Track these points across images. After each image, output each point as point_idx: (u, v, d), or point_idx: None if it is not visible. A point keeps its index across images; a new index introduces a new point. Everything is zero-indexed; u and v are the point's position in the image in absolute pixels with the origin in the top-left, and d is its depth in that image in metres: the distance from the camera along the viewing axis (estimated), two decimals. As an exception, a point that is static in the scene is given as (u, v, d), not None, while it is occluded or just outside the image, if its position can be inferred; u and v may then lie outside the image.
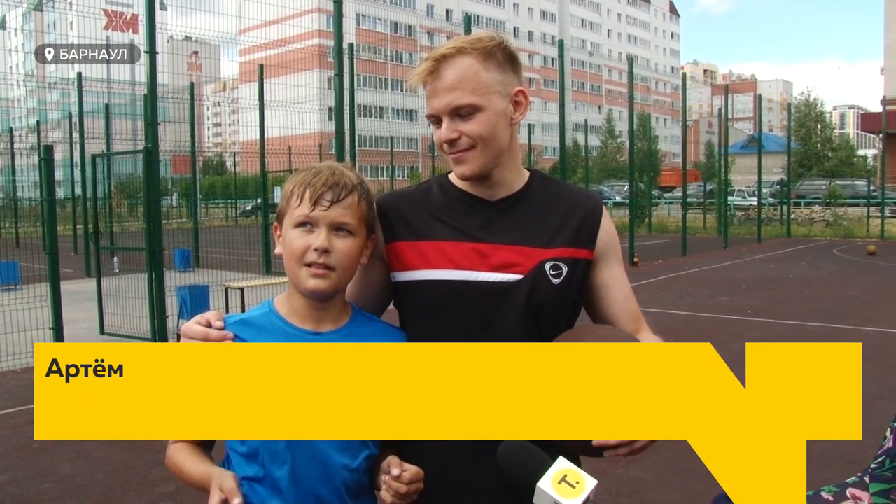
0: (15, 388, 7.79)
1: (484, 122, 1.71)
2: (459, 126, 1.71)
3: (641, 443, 1.47)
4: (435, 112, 1.73)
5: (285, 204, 1.71)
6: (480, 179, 1.78)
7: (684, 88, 23.53)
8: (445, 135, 1.72)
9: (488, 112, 1.71)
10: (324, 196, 1.66)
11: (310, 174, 1.71)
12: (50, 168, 9.37)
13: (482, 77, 1.70)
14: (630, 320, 1.86)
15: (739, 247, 24.07)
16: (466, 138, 1.71)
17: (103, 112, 22.35)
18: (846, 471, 4.84)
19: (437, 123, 1.75)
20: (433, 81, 1.72)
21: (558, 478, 1.32)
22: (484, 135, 1.71)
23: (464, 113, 1.70)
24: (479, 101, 1.69)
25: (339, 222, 1.67)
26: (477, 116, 1.70)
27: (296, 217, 1.67)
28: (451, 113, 1.71)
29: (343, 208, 1.67)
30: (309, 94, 26.11)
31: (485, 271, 1.74)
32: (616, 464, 5.06)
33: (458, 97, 1.69)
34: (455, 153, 1.74)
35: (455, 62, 1.70)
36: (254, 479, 1.67)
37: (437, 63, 1.71)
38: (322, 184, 1.67)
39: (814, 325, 10.46)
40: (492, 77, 1.72)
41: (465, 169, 1.74)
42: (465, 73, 1.69)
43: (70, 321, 9.68)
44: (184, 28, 74.78)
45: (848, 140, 63.54)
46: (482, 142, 1.72)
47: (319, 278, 1.65)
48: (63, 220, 24.32)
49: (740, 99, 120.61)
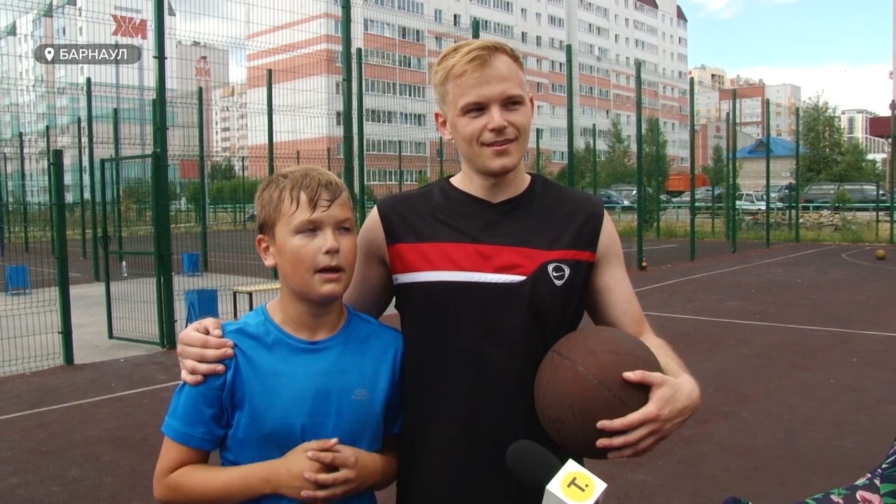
0: (24, 392, 7.82)
1: (526, 116, 1.74)
2: (508, 116, 1.71)
3: (646, 444, 1.47)
4: (486, 99, 1.70)
5: (273, 212, 1.66)
6: (500, 177, 1.78)
7: (692, 93, 23.51)
8: (498, 121, 1.70)
9: (528, 108, 1.75)
10: (322, 196, 1.63)
11: (296, 177, 1.66)
12: (59, 173, 9.44)
13: (521, 75, 1.75)
14: (633, 323, 1.85)
15: (748, 251, 24.00)
16: (513, 129, 1.71)
17: (112, 117, 22.44)
18: (855, 476, 4.81)
19: (477, 112, 1.72)
20: (481, 69, 1.70)
21: (567, 481, 1.31)
22: (527, 127, 1.75)
23: (514, 103, 1.72)
24: (524, 95, 1.74)
25: (341, 220, 1.65)
26: (521, 109, 1.73)
27: (297, 223, 1.63)
28: (504, 101, 1.71)
29: (340, 205, 1.66)
30: (317, 99, 26.13)
31: (487, 272, 1.73)
32: (624, 468, 5.05)
33: (511, 87, 1.70)
34: (501, 143, 1.72)
35: (501, 56, 1.72)
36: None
37: (487, 52, 1.71)
38: (316, 184, 1.64)
39: (821, 329, 10.42)
40: (523, 78, 1.76)
41: (508, 161, 1.73)
42: (511, 66, 1.73)
43: (79, 325, 9.73)
44: (192, 33, 75.26)
45: (857, 144, 63.24)
46: (524, 135, 1.74)
47: (333, 283, 1.62)
48: (72, 225, 24.44)
49: (748, 103, 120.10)
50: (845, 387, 7.42)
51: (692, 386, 1.56)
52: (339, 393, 1.66)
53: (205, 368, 1.61)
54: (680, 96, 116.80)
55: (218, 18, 22.53)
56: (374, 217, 1.84)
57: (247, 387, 1.62)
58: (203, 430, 1.63)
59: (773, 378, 7.84)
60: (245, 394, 1.62)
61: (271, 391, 1.62)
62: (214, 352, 1.62)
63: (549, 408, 1.54)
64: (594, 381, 1.48)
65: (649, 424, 1.45)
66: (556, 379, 1.54)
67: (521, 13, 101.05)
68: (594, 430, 1.45)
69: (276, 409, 1.61)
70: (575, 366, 1.51)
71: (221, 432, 1.65)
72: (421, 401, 1.76)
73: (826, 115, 52.80)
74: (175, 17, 51.17)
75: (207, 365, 1.61)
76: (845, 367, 8.27)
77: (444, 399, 1.73)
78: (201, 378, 1.61)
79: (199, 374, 1.61)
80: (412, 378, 1.77)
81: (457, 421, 1.72)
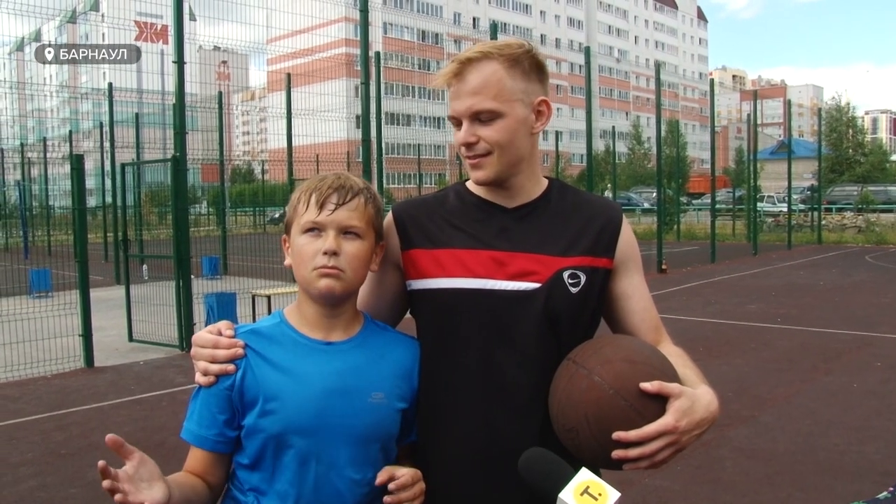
0: (45, 394, 7.89)
1: (503, 130, 1.69)
2: (478, 131, 1.69)
3: (662, 455, 1.45)
4: (455, 114, 1.72)
5: (292, 212, 1.70)
6: (497, 186, 1.76)
7: (712, 94, 23.37)
8: (463, 138, 1.70)
9: (508, 119, 1.69)
10: (329, 199, 1.65)
11: (315, 180, 1.71)
12: (81, 177, 9.51)
13: (506, 84, 1.68)
14: (650, 330, 1.82)
15: (769, 254, 23.80)
16: (484, 144, 1.69)
17: (133, 121, 22.65)
18: (879, 482, 4.75)
19: (458, 125, 1.73)
20: (457, 83, 1.70)
21: (580, 489, 1.30)
22: (502, 142, 1.69)
23: (484, 118, 1.68)
24: (500, 107, 1.68)
25: (346, 225, 1.65)
26: (497, 123, 1.68)
27: (303, 223, 1.66)
28: (472, 117, 1.69)
29: (349, 211, 1.66)
30: (336, 103, 26.19)
31: (502, 279, 1.71)
32: (641, 473, 5.00)
33: (480, 102, 1.67)
34: (472, 158, 1.72)
35: (481, 66, 1.68)
36: (259, 490, 1.66)
37: (463, 66, 1.69)
38: (328, 187, 1.66)
39: (844, 332, 10.30)
40: (515, 85, 1.69)
41: (481, 175, 1.72)
42: (488, 78, 1.67)
43: (99, 328, 9.81)
44: (213, 38, 75.77)
45: (880, 145, 62.74)
46: (499, 149, 1.69)
47: (331, 278, 1.63)
48: (94, 229, 24.64)
49: (769, 104, 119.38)
50: (868, 391, 7.33)
51: (710, 397, 1.53)
52: (354, 394, 1.65)
53: (216, 369, 1.63)
54: (700, 98, 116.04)
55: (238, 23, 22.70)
56: (388, 222, 1.83)
57: (260, 385, 1.62)
58: (216, 432, 1.65)
59: (794, 382, 7.76)
60: (257, 393, 1.62)
61: (284, 389, 1.62)
62: (225, 352, 1.63)
63: (564, 417, 1.52)
64: (610, 390, 1.46)
65: (666, 436, 1.43)
66: (572, 388, 1.52)
67: (539, 15, 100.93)
68: (609, 440, 1.43)
69: (287, 407, 1.62)
70: (591, 375, 1.50)
71: (234, 434, 1.66)
72: (434, 409, 1.75)
73: (849, 115, 52.34)
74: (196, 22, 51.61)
75: (219, 365, 1.63)
76: (868, 370, 8.17)
77: (457, 407, 1.72)
78: (213, 379, 1.63)
79: (211, 375, 1.63)
80: (426, 386, 1.76)
81: (470, 429, 1.71)
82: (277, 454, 1.63)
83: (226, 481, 1.72)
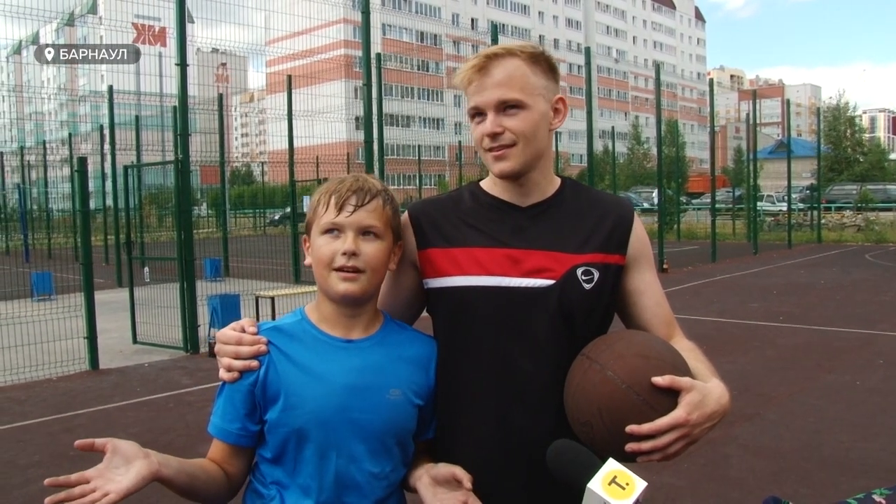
0: (50, 397, 7.90)
1: (527, 121, 1.72)
2: (504, 121, 1.72)
3: (675, 448, 1.47)
4: (481, 105, 1.74)
5: (312, 213, 1.74)
6: (514, 181, 1.79)
7: (711, 94, 23.40)
8: (490, 128, 1.72)
9: (532, 111, 1.72)
10: (348, 201, 1.68)
11: (335, 182, 1.75)
12: (84, 180, 9.51)
13: (529, 78, 1.73)
14: (662, 325, 1.86)
15: (769, 253, 23.84)
16: (510, 134, 1.72)
17: (132, 124, 22.64)
18: (884, 479, 4.77)
19: (480, 118, 1.75)
20: (480, 78, 1.73)
21: (608, 479, 1.32)
22: (527, 132, 1.72)
23: (510, 109, 1.72)
24: (526, 99, 1.71)
25: (365, 226, 1.68)
26: (521, 114, 1.72)
27: (323, 224, 1.70)
28: (498, 107, 1.72)
29: (368, 212, 1.69)
30: (336, 104, 26.22)
31: (516, 277, 1.73)
32: (649, 471, 5.00)
33: (507, 92, 1.70)
34: (497, 149, 1.73)
35: (504, 62, 1.72)
36: (281, 484, 1.69)
37: (488, 60, 1.73)
38: (347, 189, 1.70)
39: (846, 330, 10.33)
40: (538, 80, 1.74)
41: (505, 165, 1.74)
42: (513, 72, 1.72)
43: (103, 331, 9.81)
44: (211, 40, 75.61)
45: (879, 143, 62.78)
46: (524, 139, 1.72)
47: (350, 282, 1.66)
48: (95, 231, 24.62)
49: (768, 104, 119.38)
50: (871, 389, 7.35)
51: (721, 391, 1.55)
52: (373, 390, 1.68)
53: (240, 365, 1.66)
54: (699, 97, 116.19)
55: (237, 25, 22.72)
56: (404, 222, 1.85)
57: (282, 381, 1.66)
58: (239, 426, 1.68)
59: (797, 380, 7.79)
60: (279, 388, 1.66)
61: (305, 385, 1.66)
62: (249, 348, 1.67)
63: (578, 411, 1.55)
64: (623, 385, 1.48)
65: (678, 429, 1.45)
66: (585, 383, 1.54)
67: (538, 16, 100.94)
68: (623, 434, 1.46)
69: (308, 402, 1.65)
70: (604, 370, 1.52)
71: (256, 428, 1.69)
72: (451, 405, 1.78)
73: (847, 114, 52.39)
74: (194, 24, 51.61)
75: (242, 361, 1.66)
76: (871, 368, 8.19)
77: (473, 403, 1.75)
78: (237, 375, 1.66)
79: (235, 371, 1.66)
80: (443, 383, 1.79)
81: (486, 425, 1.73)
82: (299, 448, 1.66)
83: (247, 474, 1.76)
